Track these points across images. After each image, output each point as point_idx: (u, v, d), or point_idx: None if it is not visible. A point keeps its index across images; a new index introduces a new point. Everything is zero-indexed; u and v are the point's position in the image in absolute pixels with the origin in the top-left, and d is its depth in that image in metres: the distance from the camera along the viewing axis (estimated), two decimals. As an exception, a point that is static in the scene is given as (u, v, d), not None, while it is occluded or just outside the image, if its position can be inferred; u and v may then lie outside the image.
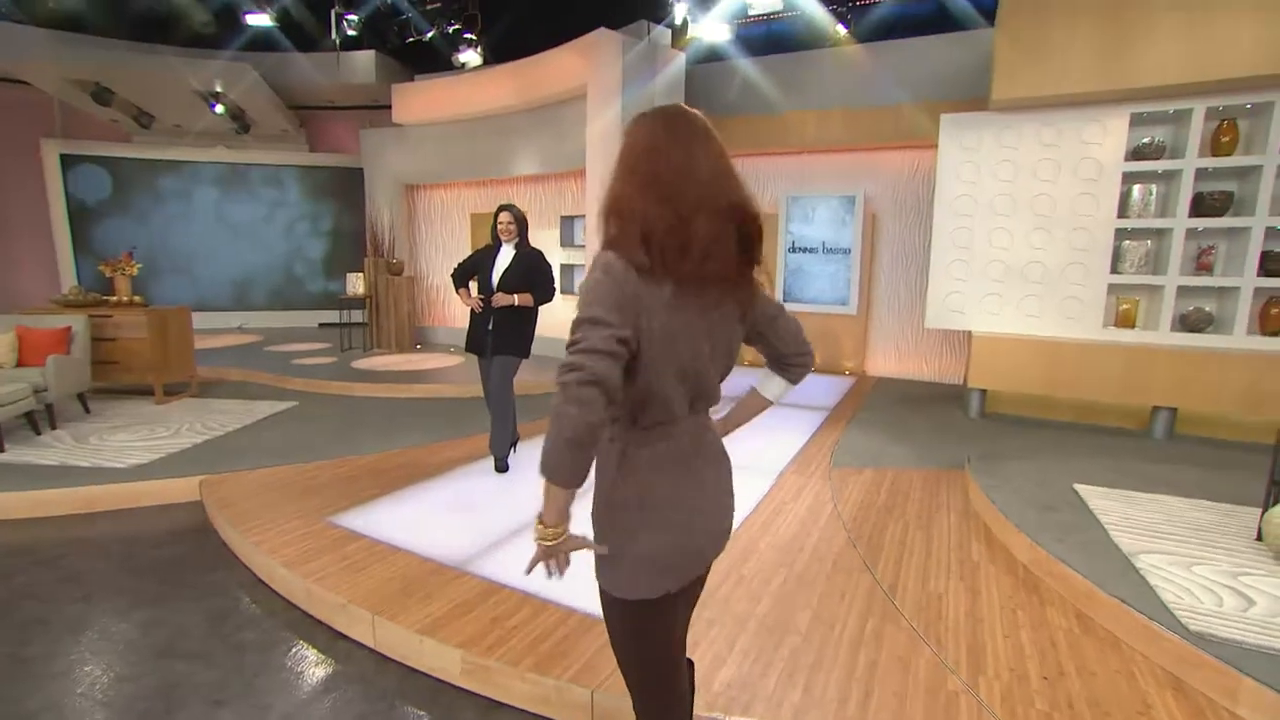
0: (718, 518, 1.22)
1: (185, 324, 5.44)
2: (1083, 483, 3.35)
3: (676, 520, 1.14)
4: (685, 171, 1.05)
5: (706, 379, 1.14)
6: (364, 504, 3.23)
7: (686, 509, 1.15)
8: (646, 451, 1.14)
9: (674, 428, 1.14)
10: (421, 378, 6.33)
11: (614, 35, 6.12)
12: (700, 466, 1.18)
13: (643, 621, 1.17)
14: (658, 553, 1.12)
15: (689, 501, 1.15)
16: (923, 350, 7.26)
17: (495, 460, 3.81)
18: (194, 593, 2.60)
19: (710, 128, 1.10)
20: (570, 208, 7.62)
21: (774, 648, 2.11)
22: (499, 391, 3.68)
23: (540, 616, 2.25)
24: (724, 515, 1.24)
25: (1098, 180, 4.92)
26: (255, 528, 2.90)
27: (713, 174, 1.07)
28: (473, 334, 3.72)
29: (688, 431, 1.16)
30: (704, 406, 1.19)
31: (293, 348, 8.28)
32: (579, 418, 0.97)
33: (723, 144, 1.10)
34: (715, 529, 1.21)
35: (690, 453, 1.16)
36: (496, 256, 3.65)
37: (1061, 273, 5.14)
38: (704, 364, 1.12)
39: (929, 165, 6.91)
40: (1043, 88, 4.79)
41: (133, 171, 9.54)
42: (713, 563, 1.25)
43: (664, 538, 1.12)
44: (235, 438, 4.33)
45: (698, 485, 1.17)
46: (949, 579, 2.60)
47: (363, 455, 4.02)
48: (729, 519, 1.25)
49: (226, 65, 7.85)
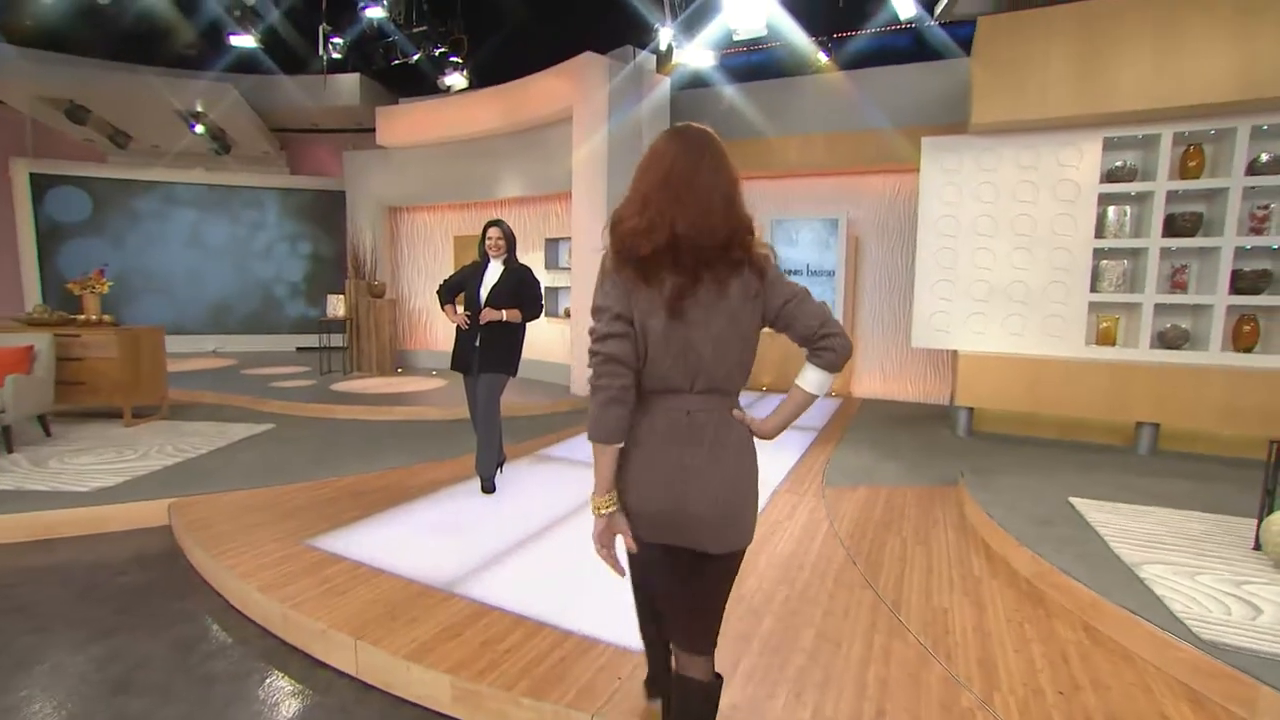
0: (705, 503, 1.27)
1: (158, 344, 5.25)
2: (1077, 496, 3.34)
3: (653, 482, 1.29)
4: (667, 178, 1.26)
5: (700, 358, 1.25)
6: (345, 526, 3.09)
7: (662, 476, 1.28)
8: (645, 422, 1.30)
9: (673, 403, 1.29)
10: (403, 400, 6.18)
11: (600, 59, 6.21)
12: (692, 447, 1.28)
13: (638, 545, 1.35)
14: (636, 501, 1.32)
15: (664, 470, 1.28)
16: (908, 372, 7.31)
17: (482, 481, 3.69)
18: (159, 621, 2.43)
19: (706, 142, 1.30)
20: (555, 230, 7.62)
21: (779, 667, 2.02)
22: (486, 410, 3.59)
23: (534, 639, 2.13)
24: (717, 503, 1.27)
25: (1075, 201, 5.06)
26: (228, 551, 2.75)
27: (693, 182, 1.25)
28: (459, 351, 3.63)
29: (688, 412, 1.28)
30: (708, 388, 1.28)
31: (270, 371, 8.07)
32: (609, 385, 1.24)
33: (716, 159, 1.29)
34: (700, 510, 1.27)
35: (684, 435, 1.28)
36: (484, 273, 3.59)
37: (1043, 291, 5.23)
38: (699, 344, 1.24)
39: (910, 189, 7.07)
40: (1020, 112, 4.94)
41: (108, 192, 9.34)
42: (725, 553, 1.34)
43: (638, 493, 1.31)
44: (208, 460, 4.14)
45: (678, 466, 1.27)
46: (953, 594, 2.54)
47: (343, 477, 3.87)
48: (727, 508, 1.29)
49: (208, 85, 7.79)
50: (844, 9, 6.63)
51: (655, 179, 1.25)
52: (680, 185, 1.23)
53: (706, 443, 1.28)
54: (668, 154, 1.27)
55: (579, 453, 4.63)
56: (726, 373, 1.28)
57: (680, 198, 1.23)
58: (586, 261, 6.48)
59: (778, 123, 7.30)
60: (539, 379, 7.42)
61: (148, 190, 9.51)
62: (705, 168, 1.25)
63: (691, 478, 1.27)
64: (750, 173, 7.45)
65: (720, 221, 1.24)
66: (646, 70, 6.64)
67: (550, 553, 2.86)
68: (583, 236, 6.46)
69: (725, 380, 1.29)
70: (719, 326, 1.25)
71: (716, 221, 1.23)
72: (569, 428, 5.41)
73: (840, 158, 7.04)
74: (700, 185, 1.23)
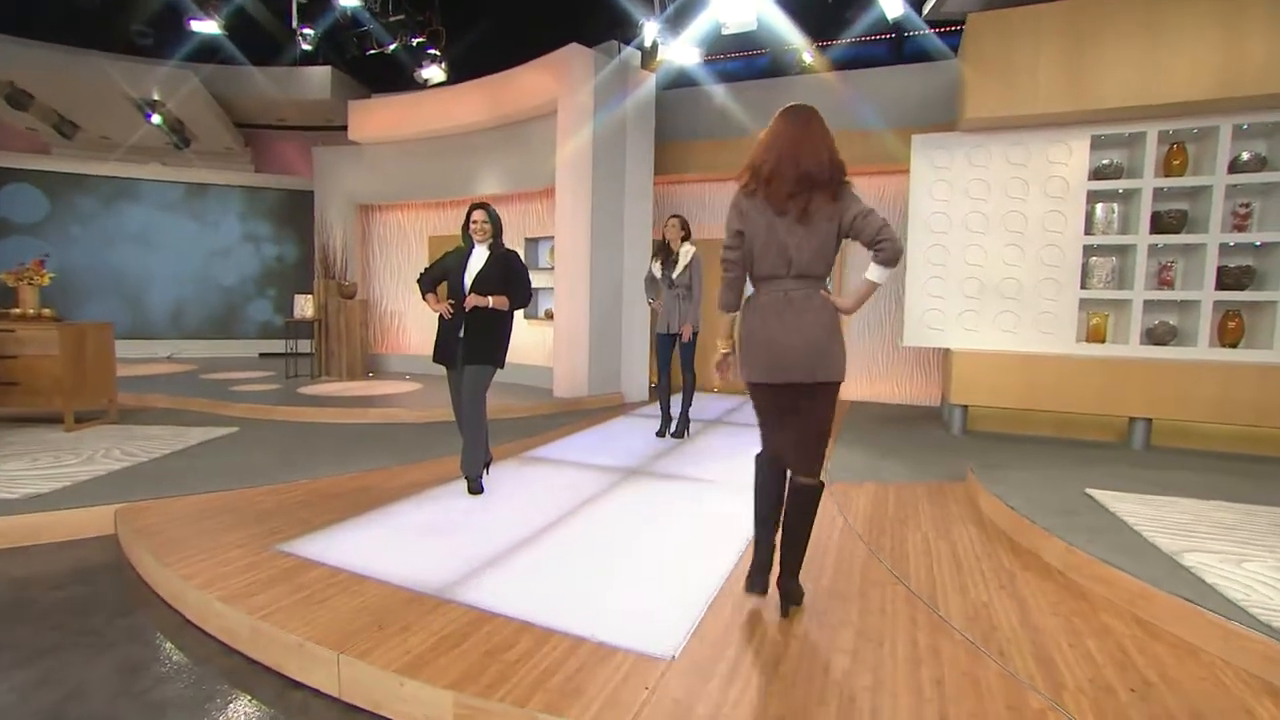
0: (793, 344, 1.95)
1: (106, 342, 4.82)
2: (1094, 488, 3.24)
3: (761, 341, 1.99)
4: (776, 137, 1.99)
5: (795, 255, 1.95)
6: (320, 530, 2.78)
7: (767, 336, 1.97)
8: (754, 300, 2.04)
9: (774, 286, 1.99)
10: (376, 403, 5.83)
11: (586, 52, 6.05)
12: (787, 312, 1.96)
13: (754, 394, 2.10)
14: (750, 356, 2.02)
15: (768, 331, 1.97)
16: (894, 373, 7.26)
17: (469, 481, 3.40)
18: (100, 641, 2.09)
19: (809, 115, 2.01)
20: (536, 228, 7.38)
21: (823, 670, 1.81)
22: (471, 405, 3.32)
23: (544, 647, 1.88)
24: (802, 343, 1.94)
25: (1064, 199, 5.07)
26: (185, 559, 2.42)
27: (796, 138, 1.95)
28: (441, 342, 3.37)
29: (784, 290, 1.98)
30: (801, 273, 1.97)
31: (232, 375, 7.58)
32: (727, 275, 2.03)
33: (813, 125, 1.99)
34: (790, 351, 1.95)
35: (781, 303, 1.98)
36: (469, 259, 3.37)
37: (1035, 288, 5.22)
38: (791, 246, 1.94)
39: (895, 189, 7.08)
40: (1010, 107, 4.94)
41: (52, 186, 8.74)
42: (820, 382, 1.99)
43: (751, 350, 2.01)
44: (162, 464, 3.75)
45: (780, 323, 1.96)
46: (988, 588, 2.38)
47: (316, 479, 3.54)
48: (812, 348, 1.95)
49: (166, 72, 7.33)
50: (832, 5, 6.62)
51: (779, 134, 1.99)
52: (800, 137, 1.95)
53: (797, 309, 1.96)
54: (786, 121, 2.01)
55: (570, 453, 4.38)
56: (810, 264, 1.96)
57: (800, 144, 1.93)
58: (572, 261, 6.25)
59: (764, 122, 7.20)
60: (519, 382, 7.13)
61: (98, 186, 8.94)
62: (815, 129, 1.98)
63: (789, 329, 1.95)
64: (734, 173, 7.33)
65: (827, 160, 1.94)
66: (632, 66, 6.51)
67: (552, 555, 2.60)
68: (567, 235, 6.24)
69: (809, 269, 1.97)
70: (804, 234, 1.93)
71: (825, 159, 1.93)
72: (553, 429, 5.15)
73: (826, 158, 7.00)
74: (814, 137, 1.95)
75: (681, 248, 4.67)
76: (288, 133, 9.63)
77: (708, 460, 4.30)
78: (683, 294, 4.64)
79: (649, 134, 6.77)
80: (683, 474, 3.92)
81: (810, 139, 1.93)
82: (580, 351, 6.24)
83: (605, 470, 3.94)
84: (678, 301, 4.65)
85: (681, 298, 4.65)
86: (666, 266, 4.69)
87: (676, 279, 4.64)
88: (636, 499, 3.40)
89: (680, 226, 4.66)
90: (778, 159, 1.92)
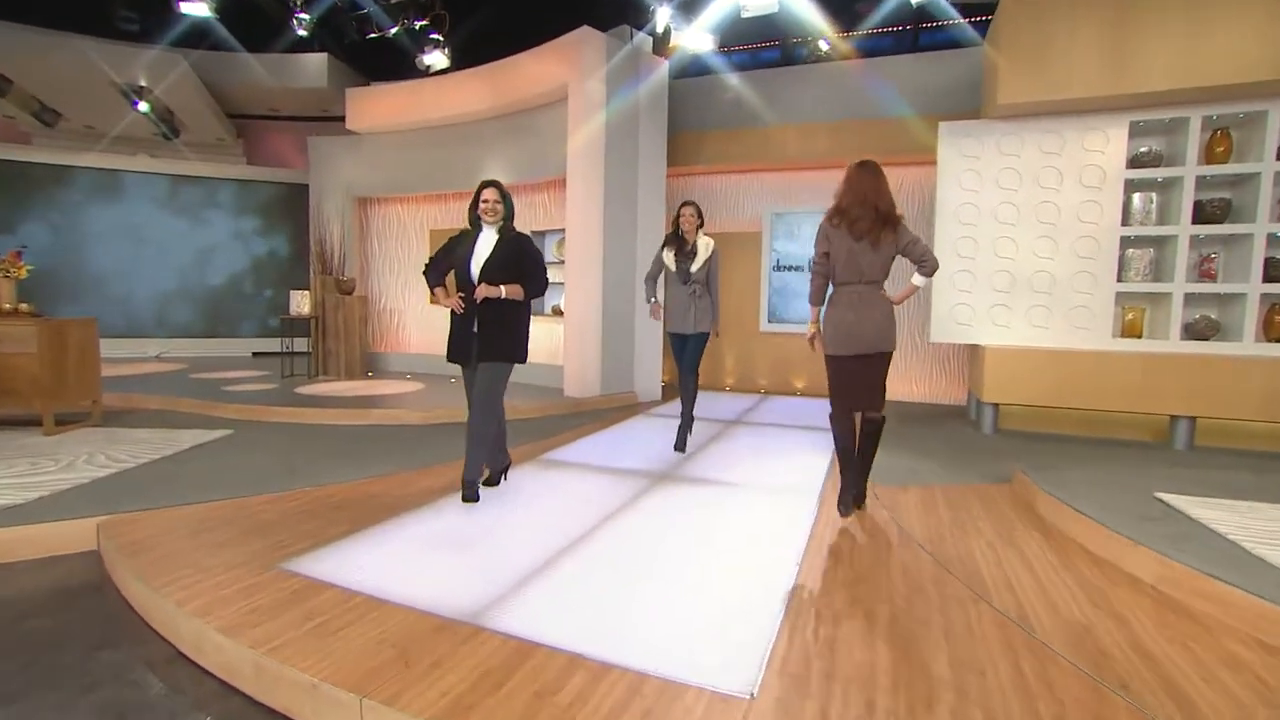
0: (865, 327, 2.86)
1: (89, 340, 4.50)
2: (1164, 491, 3.02)
3: (842, 325, 2.89)
4: (854, 185, 2.85)
5: (865, 268, 2.84)
6: (329, 544, 2.50)
7: (846, 322, 2.87)
8: (835, 296, 2.94)
9: (850, 288, 2.89)
10: (379, 403, 5.53)
11: (599, 35, 5.79)
12: (860, 305, 2.87)
13: (834, 364, 2.97)
14: (833, 336, 2.91)
15: (847, 319, 2.87)
16: (912, 371, 7.04)
17: (464, 487, 3.05)
18: (78, 680, 1.81)
19: (877, 169, 2.87)
20: (543, 221, 7.10)
21: (926, 706, 1.56)
22: (482, 404, 3.02)
23: (601, 685, 1.62)
24: (871, 327, 2.86)
25: (1101, 188, 4.86)
26: (177, 580, 2.13)
27: (868, 188, 2.81)
28: (455, 339, 3.08)
29: (857, 291, 2.88)
30: (869, 280, 2.87)
31: (225, 375, 7.26)
32: (815, 280, 3.01)
33: (881, 178, 2.85)
34: (863, 332, 2.86)
35: (855, 300, 2.88)
36: (476, 243, 3.05)
37: (1069, 282, 5.01)
38: (863, 262, 2.83)
39: (914, 182, 6.86)
40: (1045, 93, 4.72)
41: (33, 178, 8.35)
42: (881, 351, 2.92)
43: (834, 331, 2.91)
44: (151, 470, 3.46)
45: (855, 313, 2.86)
46: (1079, 605, 2.14)
47: (321, 486, 3.25)
48: (877, 329, 2.87)
49: (154, 56, 6.97)
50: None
51: (858, 183, 2.83)
52: (875, 186, 2.81)
53: (867, 304, 2.87)
54: (862, 172, 2.84)
55: (589, 456, 4.12)
56: (876, 274, 2.87)
57: (876, 193, 2.80)
58: (583, 254, 5.98)
59: (778, 111, 7.00)
60: (529, 382, 6.84)
61: (81, 178, 8.57)
62: (882, 181, 2.83)
63: (862, 318, 2.86)
64: (749, 164, 7.13)
65: (890, 205, 2.82)
66: (644, 52, 6.26)
67: (589, 571, 2.34)
68: (579, 227, 5.97)
69: (874, 277, 2.87)
70: (873, 255, 2.83)
71: (890, 204, 2.82)
72: (568, 430, 4.88)
73: (843, 148, 6.76)
74: (882, 187, 2.82)
75: (699, 239, 4.17)
76: (282, 123, 9.30)
77: (735, 462, 4.05)
78: (698, 291, 4.13)
79: (662, 123, 6.52)
80: (712, 477, 3.67)
81: (880, 188, 2.82)
82: (592, 349, 5.97)
83: (630, 475, 3.68)
84: (693, 300, 4.12)
85: (697, 295, 4.13)
86: (682, 259, 4.17)
87: (695, 273, 4.14)
88: (669, 506, 3.15)
89: (696, 215, 4.16)
90: (860, 204, 2.81)
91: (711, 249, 4.18)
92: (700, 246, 4.16)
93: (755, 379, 7.44)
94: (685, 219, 4.13)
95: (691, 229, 4.14)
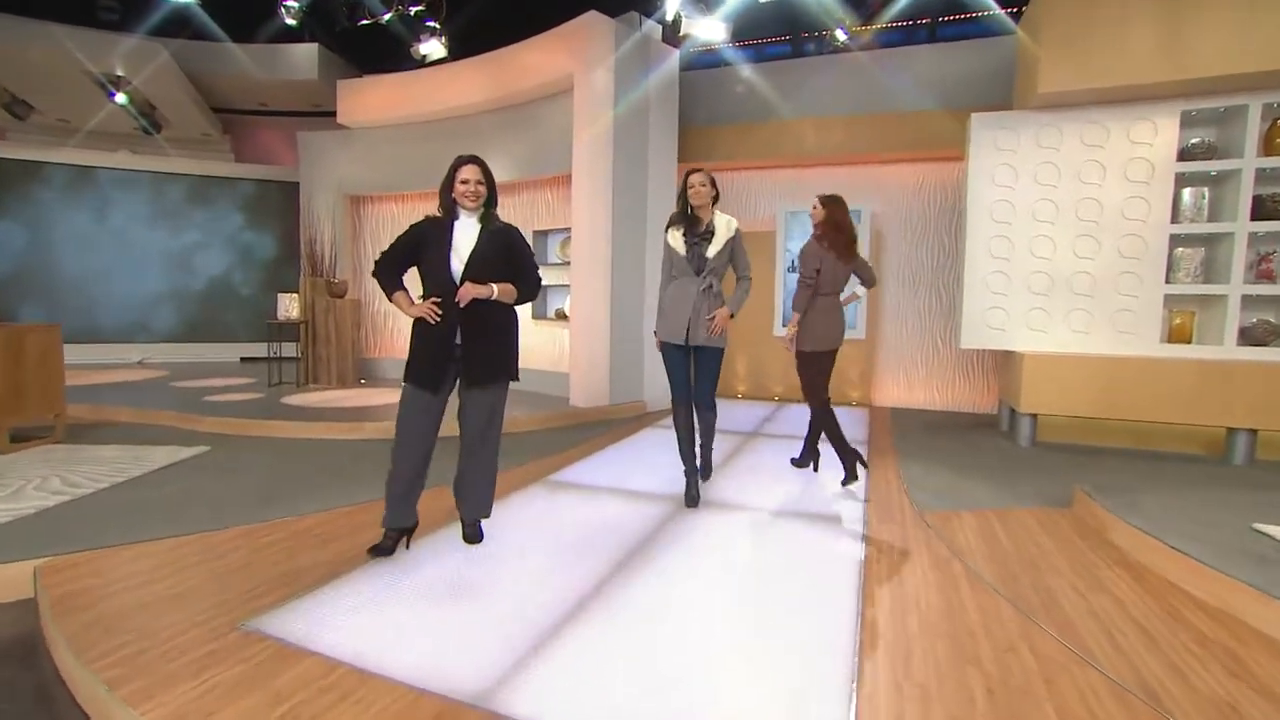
0: (840, 329, 3.64)
1: (52, 347, 4.11)
2: (1262, 522, 2.67)
3: (819, 328, 3.59)
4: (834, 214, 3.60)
5: (842, 281, 3.65)
6: (307, 593, 2.12)
7: (829, 324, 3.61)
8: (817, 304, 3.59)
9: (828, 298, 3.61)
10: (370, 415, 5.16)
11: (607, 21, 5.43)
12: (835, 310, 3.64)
13: (818, 361, 3.63)
14: (822, 337, 3.60)
15: (825, 323, 3.60)
16: (934, 378, 6.70)
17: (464, 526, 2.64)
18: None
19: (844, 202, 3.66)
20: (545, 220, 6.74)
21: (1074, 840, 1.20)
22: (487, 438, 2.54)
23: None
24: (842, 328, 3.66)
25: (1148, 183, 4.53)
26: (117, 650, 1.75)
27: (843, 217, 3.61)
28: (428, 357, 2.40)
29: (831, 300, 3.63)
30: (838, 291, 3.65)
31: (208, 383, 6.86)
32: (806, 292, 3.56)
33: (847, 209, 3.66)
34: (839, 333, 3.64)
35: (831, 306, 3.63)
36: (452, 234, 2.43)
37: (1113, 283, 4.67)
38: (840, 276, 3.61)
39: (934, 178, 6.53)
40: (1089, 80, 4.39)
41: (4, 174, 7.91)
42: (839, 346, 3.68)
43: (823, 332, 3.60)
44: (110, 497, 3.07)
45: (833, 317, 3.63)
46: (1212, 674, 1.78)
47: (301, 517, 2.87)
48: (842, 330, 3.66)
49: (132, 44, 6.57)
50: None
51: (838, 217, 3.57)
52: (845, 215, 3.60)
53: (837, 310, 3.65)
54: (838, 207, 3.59)
55: (601, 476, 3.75)
56: (840, 287, 3.65)
57: (848, 218, 3.62)
58: (590, 254, 5.62)
59: (792, 104, 6.66)
60: (532, 390, 6.47)
61: (57, 175, 8.15)
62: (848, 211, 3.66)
63: (838, 321, 3.64)
64: (762, 161, 6.79)
65: (854, 229, 3.67)
66: (654, 40, 5.90)
67: (623, 627, 1.97)
68: (585, 225, 5.61)
69: (840, 288, 3.65)
70: (846, 271, 3.62)
71: (854, 229, 3.66)
72: (575, 444, 4.51)
73: (860, 142, 6.43)
74: (849, 216, 3.65)
75: (715, 215, 3.15)
76: (271, 119, 8.90)
77: (765, 481, 3.69)
78: (714, 286, 3.13)
79: (673, 116, 6.17)
80: (741, 501, 3.31)
81: (848, 218, 3.61)
82: (599, 356, 5.60)
83: (649, 499, 3.31)
84: (705, 298, 3.10)
85: (712, 292, 3.12)
86: (694, 241, 3.11)
87: (712, 260, 3.09)
88: (699, 538, 2.78)
89: (709, 184, 3.11)
90: (840, 229, 3.56)
91: (734, 229, 3.16)
92: (720, 225, 3.13)
93: (769, 385, 7.09)
94: (695, 190, 3.08)
95: (705, 203, 3.11)
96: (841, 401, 6.79)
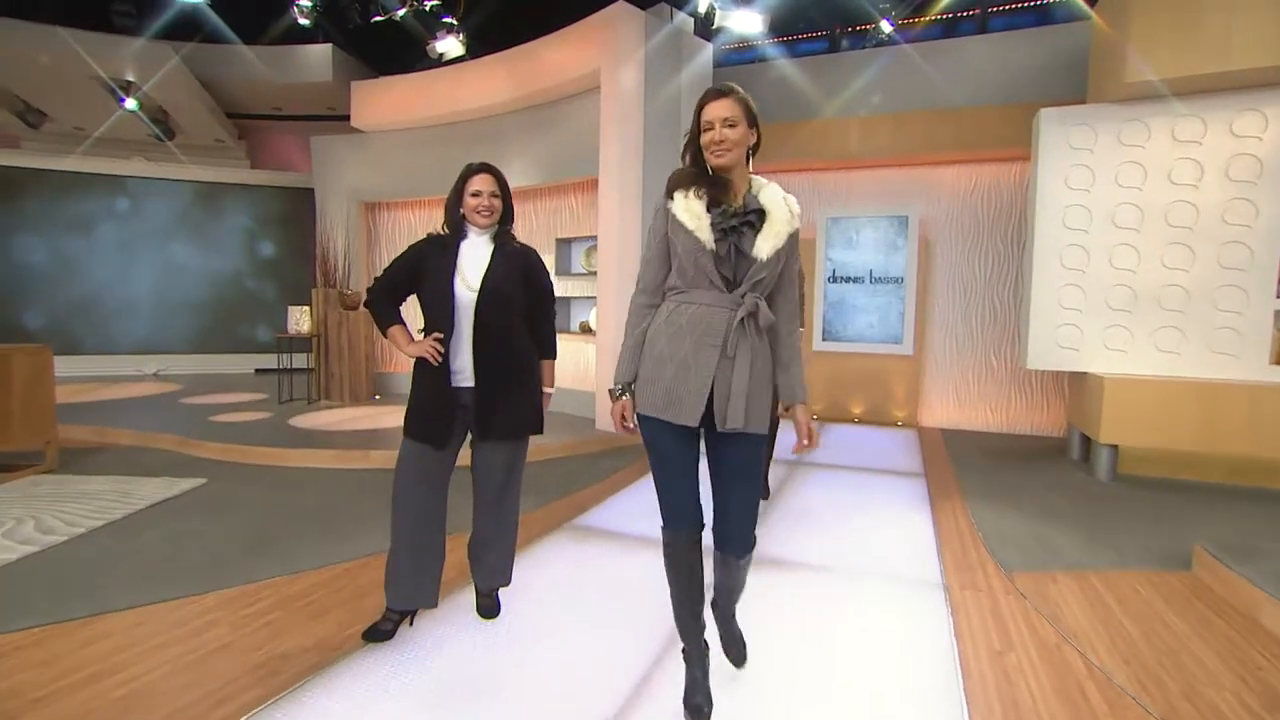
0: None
1: (42, 369, 3.83)
2: None
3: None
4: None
5: None
6: (285, 694, 1.74)
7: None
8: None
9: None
10: (382, 440, 4.81)
11: (636, 12, 5.03)
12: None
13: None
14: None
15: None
16: (986, 396, 6.18)
17: (478, 598, 2.23)
18: None
19: None
20: (569, 228, 6.35)
21: None
22: (509, 498, 2.17)
23: None
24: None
25: (1256, 183, 3.99)
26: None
27: None
28: (431, 405, 2.04)
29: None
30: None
31: (218, 399, 6.61)
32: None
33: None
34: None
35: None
36: (458, 256, 2.03)
37: (1210, 298, 4.14)
38: None
39: (991, 180, 6.01)
40: (1189, 67, 3.87)
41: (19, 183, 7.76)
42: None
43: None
44: (83, 547, 2.73)
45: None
46: None
47: (294, 576, 2.50)
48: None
49: (141, 47, 6.34)
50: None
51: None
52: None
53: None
54: None
55: (633, 520, 3.32)
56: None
57: None
58: (618, 265, 5.21)
59: (835, 103, 6.19)
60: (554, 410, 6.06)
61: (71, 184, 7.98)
62: None
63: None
64: (801, 162, 6.32)
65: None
66: (685, 34, 5.49)
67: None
68: (613, 235, 5.20)
69: None
70: None
71: None
72: (602, 478, 4.08)
73: (908, 143, 5.94)
74: None
75: (758, 184, 1.68)
76: (286, 124, 8.68)
77: (819, 527, 3.24)
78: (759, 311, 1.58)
79: (704, 115, 5.74)
80: (800, 557, 2.87)
81: None
82: (626, 374, 5.19)
83: (691, 551, 2.87)
84: (742, 336, 1.58)
85: (755, 324, 1.60)
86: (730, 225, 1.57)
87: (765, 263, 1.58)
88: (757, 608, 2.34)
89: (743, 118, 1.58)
90: None
91: (797, 214, 1.67)
92: (772, 203, 1.63)
93: (808, 404, 6.61)
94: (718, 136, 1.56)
95: (735, 161, 1.60)
96: (886, 422, 6.29)
